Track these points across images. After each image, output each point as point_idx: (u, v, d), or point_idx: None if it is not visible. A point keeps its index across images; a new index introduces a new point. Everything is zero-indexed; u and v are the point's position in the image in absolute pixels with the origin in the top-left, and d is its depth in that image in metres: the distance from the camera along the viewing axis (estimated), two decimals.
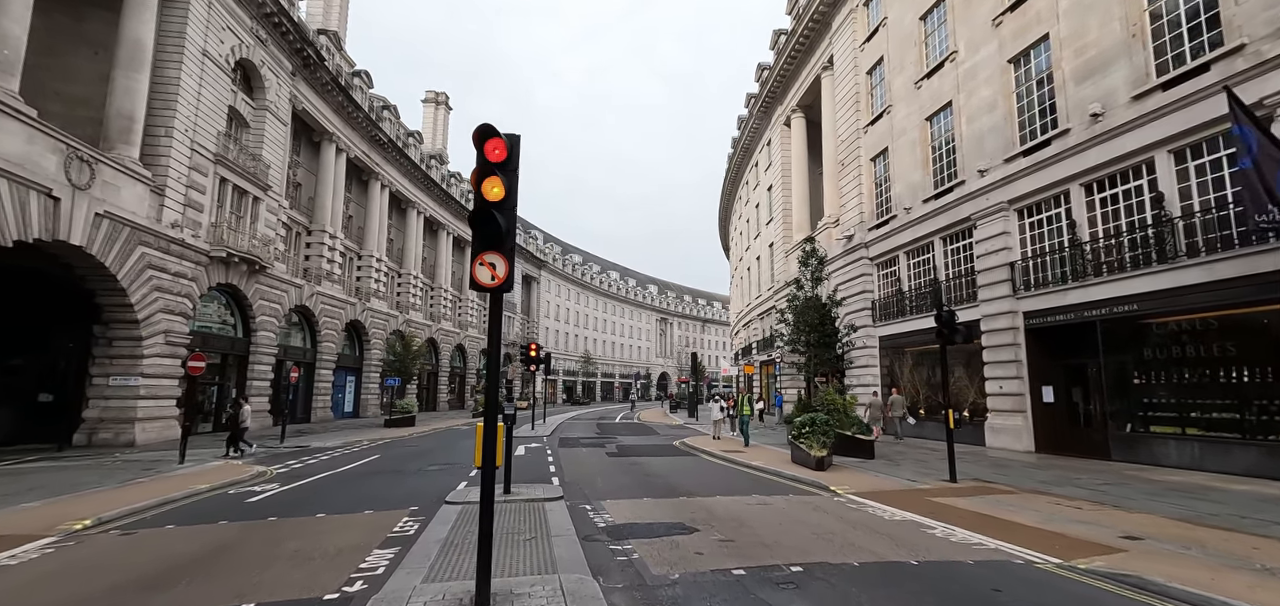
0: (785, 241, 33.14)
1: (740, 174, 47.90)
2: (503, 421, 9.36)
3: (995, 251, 16.57)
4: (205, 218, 23.03)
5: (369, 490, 10.68)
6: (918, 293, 20.49)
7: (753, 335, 42.23)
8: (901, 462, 13.65)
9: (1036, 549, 6.28)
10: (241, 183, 25.12)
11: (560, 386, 79.36)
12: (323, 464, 15.20)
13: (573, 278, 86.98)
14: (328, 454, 17.53)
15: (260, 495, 10.38)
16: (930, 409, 19.81)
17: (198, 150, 22.49)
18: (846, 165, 25.07)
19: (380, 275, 40.00)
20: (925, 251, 20.09)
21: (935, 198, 19.31)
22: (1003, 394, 16.21)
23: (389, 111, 41.51)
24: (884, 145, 22.40)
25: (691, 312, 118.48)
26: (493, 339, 4.74)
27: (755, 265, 41.83)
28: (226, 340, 25.53)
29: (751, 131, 40.63)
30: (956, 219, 18.21)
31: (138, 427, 19.72)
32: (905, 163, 20.98)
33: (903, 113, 21.18)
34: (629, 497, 9.57)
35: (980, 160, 17.19)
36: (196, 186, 22.44)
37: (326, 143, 33.95)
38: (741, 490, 10.17)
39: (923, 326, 19.77)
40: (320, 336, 32.65)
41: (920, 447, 17.40)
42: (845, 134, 25.22)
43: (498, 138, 4.46)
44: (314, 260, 32.83)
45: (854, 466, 12.72)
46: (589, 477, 11.84)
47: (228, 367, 25.86)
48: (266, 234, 26.90)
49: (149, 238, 20.12)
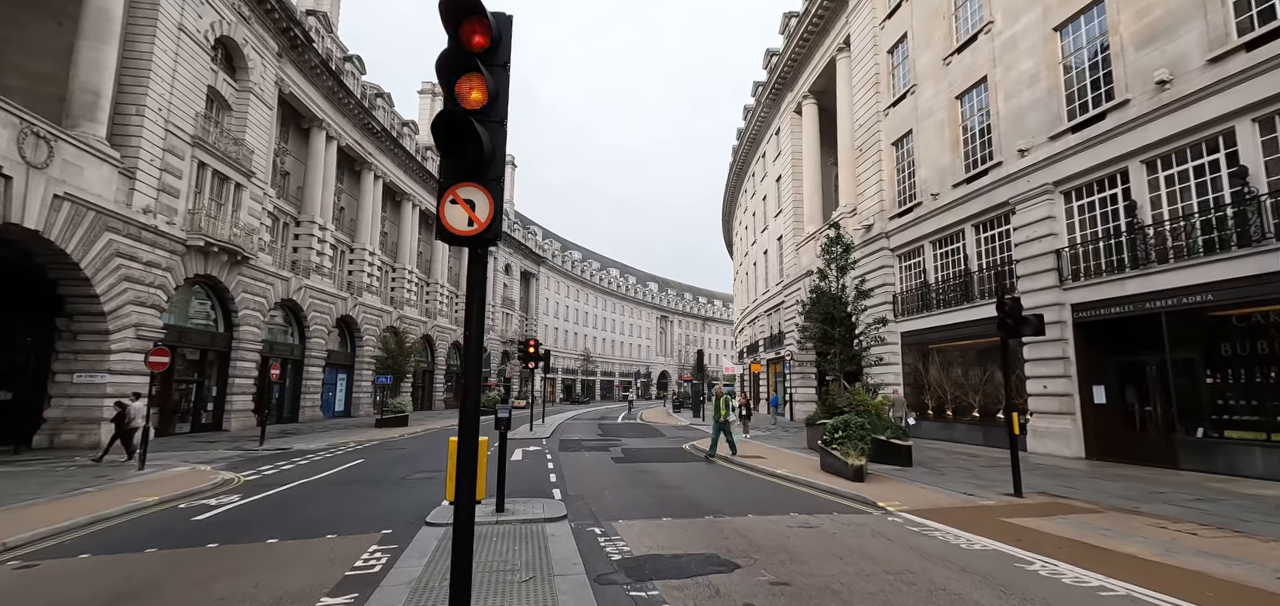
0: (796, 234, 31.67)
1: (746, 167, 46.43)
2: (495, 427, 7.97)
3: (1038, 238, 15.11)
4: (182, 204, 21.52)
5: (340, 505, 9.22)
6: (946, 285, 19.04)
7: (759, 332, 40.79)
8: (943, 470, 12.21)
9: (1185, 598, 4.83)
10: (222, 168, 23.61)
11: (559, 385, 77.87)
12: (299, 470, 13.73)
13: (572, 274, 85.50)
14: (308, 458, 16.06)
15: (213, 511, 8.91)
16: (960, 410, 18.37)
17: (173, 131, 20.97)
18: (865, 151, 23.61)
19: (373, 269, 38.49)
20: (954, 240, 18.64)
21: (967, 181, 17.86)
22: (1047, 394, 14.76)
23: (382, 100, 40.00)
24: (907, 128, 20.94)
25: (692, 310, 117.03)
26: (471, 318, 3.26)
27: (762, 260, 40.36)
28: (206, 335, 24.02)
29: (758, 121, 39.15)
30: (992, 204, 16.76)
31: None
32: (932, 145, 19.52)
33: (929, 92, 19.71)
34: (645, 517, 8.10)
35: (1020, 139, 15.73)
36: (171, 170, 20.93)
37: (316, 130, 32.43)
38: (775, 507, 8.70)
39: (953, 321, 18.36)
40: (309, 332, 31.15)
41: (938, 450, 15.98)
42: (863, 118, 23.75)
43: (479, 16, 2.99)
44: (302, 252, 31.32)
45: (894, 475, 11.27)
46: (595, 490, 10.37)
47: (207, 364, 24.35)
48: (250, 223, 25.39)
49: (117, 223, 18.62)
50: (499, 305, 62.27)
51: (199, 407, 23.83)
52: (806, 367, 30.95)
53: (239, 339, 25.13)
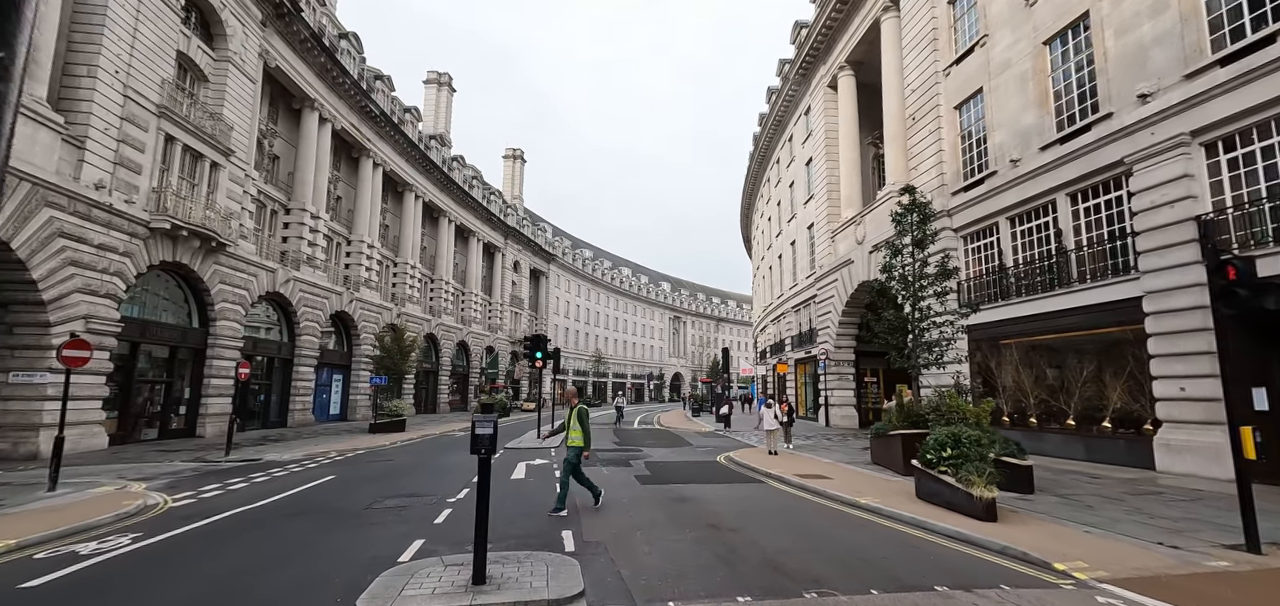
0: (831, 220, 28.67)
1: (768, 154, 43.43)
2: (484, 437, 5.15)
3: (1168, 203, 12.08)
4: (145, 181, 19.00)
5: (257, 557, 6.51)
6: (1028, 268, 16.02)
7: (785, 330, 37.77)
8: (1080, 499, 9.24)
9: None
10: (195, 144, 21.09)
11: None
12: (251, 490, 11.05)
13: (583, 273, 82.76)
14: (273, 472, 13.40)
15: (73, 567, 6.20)
16: (1049, 417, 15.34)
17: (134, 97, 18.45)
18: (919, 119, 20.62)
19: (372, 263, 35.96)
20: (1042, 214, 15.62)
21: (1060, 142, 14.85)
22: (1185, 398, 11.72)
23: (382, 82, 37.50)
24: (976, 86, 17.95)
25: (705, 311, 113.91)
26: None
27: (789, 251, 37.35)
28: (175, 330, 21.47)
29: (785, 102, 36.17)
30: (1096, 166, 13.74)
31: (44, 436, 15.66)
32: (1011, 104, 16.52)
33: (1006, 40, 16.72)
34: (709, 598, 5.20)
35: (1140, 81, 12.72)
36: (132, 142, 18.40)
37: (308, 111, 29.93)
38: (905, 572, 5.75)
39: (1039, 311, 15.36)
40: (299, 329, 28.61)
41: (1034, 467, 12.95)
42: (917, 82, 20.76)
43: None
44: (292, 243, 28.81)
45: (1023, 508, 8.32)
46: (622, 531, 7.52)
47: (179, 363, 21.80)
48: (229, 207, 22.86)
49: (61, 199, 16.10)
50: (507, 303, 59.66)
51: (168, 411, 21.27)
52: (844, 368, 27.97)
53: (216, 335, 22.57)
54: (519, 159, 73.18)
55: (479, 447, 5.00)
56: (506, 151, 73.52)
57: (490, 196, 57.00)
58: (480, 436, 4.99)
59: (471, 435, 5.02)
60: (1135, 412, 13.23)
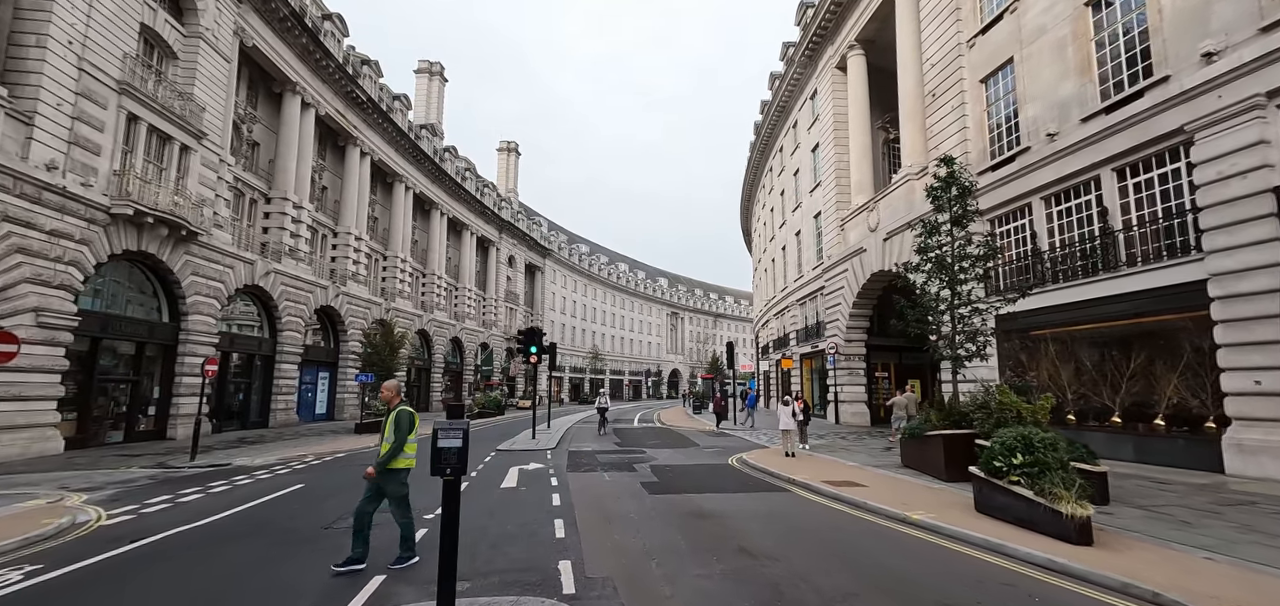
0: (840, 208, 27.34)
1: (771, 143, 42.05)
2: (433, 469, 3.56)
3: (1239, 174, 10.76)
4: (105, 163, 17.51)
5: (170, 601, 5.12)
6: (1066, 252, 14.70)
7: (790, 324, 36.45)
8: (1162, 510, 7.92)
9: None
10: (163, 125, 19.58)
11: (566, 384, 73.78)
12: (204, 503, 9.65)
13: (580, 268, 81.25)
14: (236, 481, 11.98)
15: None
16: (1090, 414, 14.05)
17: (91, 71, 16.96)
18: (940, 96, 19.28)
19: (360, 256, 34.47)
20: (1083, 192, 14.29)
21: (1105, 112, 13.51)
22: (1262, 393, 10.41)
23: (370, 68, 35.92)
24: (1006, 56, 16.60)
25: (704, 307, 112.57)
26: None
27: (793, 243, 36.01)
28: (142, 325, 19.98)
29: (790, 87, 34.77)
30: (1150, 136, 12.41)
31: None
32: (1046, 73, 15.18)
33: (1041, 5, 15.38)
34: None
35: (1204, 39, 11.40)
36: (89, 120, 16.92)
37: (290, 95, 28.40)
38: None
39: (1080, 298, 14.05)
40: (281, 324, 27.12)
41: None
42: (938, 56, 19.42)
43: None
44: (273, 233, 27.32)
45: (1111, 525, 6.97)
46: (634, 559, 6.13)
47: (146, 360, 20.31)
48: (201, 193, 21.37)
49: (5, 180, 14.64)
50: (502, 299, 58.17)
51: (135, 412, 19.79)
52: (855, 363, 26.65)
53: (187, 330, 21.08)
54: (514, 152, 71.66)
55: (443, 467, 3.62)
56: (501, 144, 72.01)
57: (484, 189, 55.48)
58: (444, 451, 3.60)
59: (433, 449, 3.64)
60: (1193, 409, 11.94)
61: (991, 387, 10.63)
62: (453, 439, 3.63)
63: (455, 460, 3.63)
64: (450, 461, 3.62)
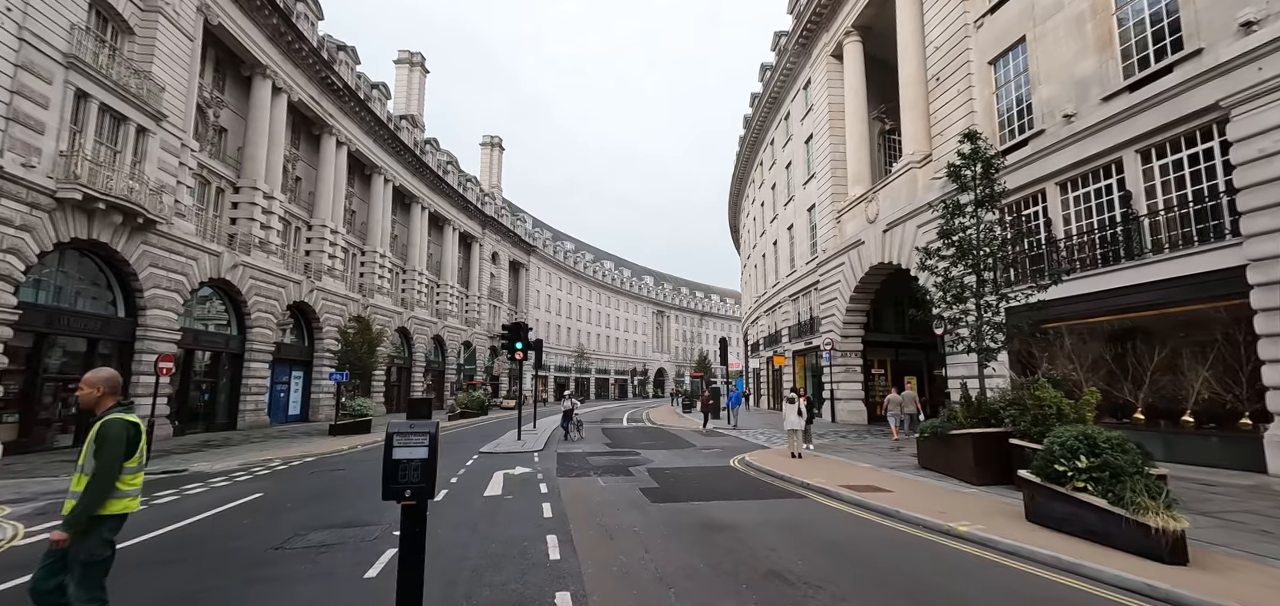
0: (837, 199, 26.53)
1: (761, 136, 41.22)
2: (409, 467, 2.53)
3: None
4: (50, 143, 16.06)
5: None
6: (1083, 240, 13.93)
7: (782, 320, 35.65)
8: (1232, 516, 7.08)
9: None
10: (117, 104, 18.12)
11: (551, 383, 72.42)
12: (142, 517, 8.41)
13: (565, 266, 79.91)
14: (186, 490, 10.76)
15: None
16: (1105, 410, 13.24)
17: (33, 43, 15.51)
18: (944, 80, 18.49)
19: (336, 251, 32.99)
20: (1103, 175, 13.53)
21: (1129, 90, 12.75)
22: None
23: (346, 54, 34.41)
24: (1017, 35, 15.83)
25: (689, 305, 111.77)
26: None
27: (784, 238, 35.19)
28: (94, 320, 18.50)
29: (782, 77, 33.92)
30: (1180, 114, 11.66)
31: None
32: (1062, 51, 14.41)
33: None
34: None
35: (1242, 7, 10.65)
36: (31, 95, 15.46)
37: (260, 79, 26.91)
38: None
39: (1100, 288, 13.28)
40: (251, 320, 25.63)
41: None
42: (942, 38, 18.63)
43: None
44: (242, 224, 25.81)
45: (1200, 541, 6.07)
46: (648, 594, 4.88)
47: (99, 358, 18.79)
48: (161, 179, 19.91)
49: None
50: (485, 296, 56.74)
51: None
52: (851, 359, 25.86)
53: (146, 326, 19.61)
54: (497, 146, 70.16)
55: (400, 488, 2.53)
56: (484, 139, 70.43)
57: (467, 184, 54.02)
58: (402, 466, 2.51)
59: (386, 462, 2.55)
60: (1226, 404, 11.20)
61: (1031, 381, 9.75)
62: (415, 447, 2.53)
63: (418, 477, 2.54)
64: (411, 479, 2.52)
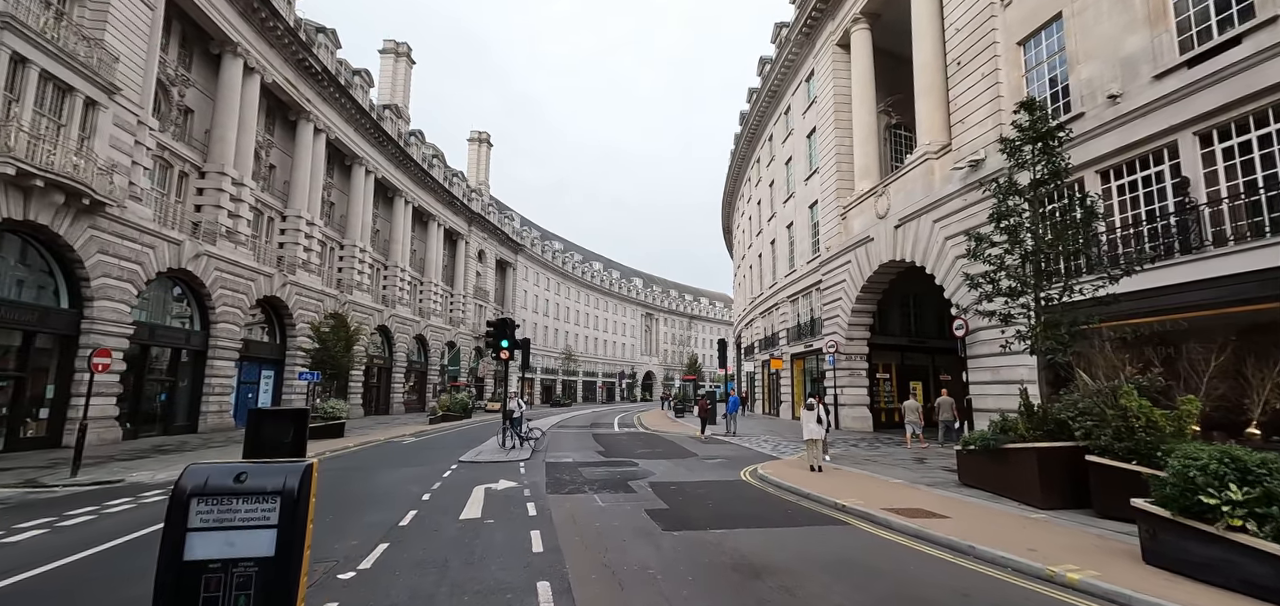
0: (842, 194, 25.28)
1: (759, 132, 39.98)
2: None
3: None
4: None
5: None
6: (1131, 233, 12.69)
7: (780, 322, 34.35)
8: None
9: None
10: (61, 72, 16.34)
11: (538, 386, 70.66)
12: (38, 543, 6.86)
13: (553, 266, 78.18)
14: (109, 508, 9.11)
15: None
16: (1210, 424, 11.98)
17: None
18: (966, 64, 17.27)
19: (313, 244, 31.14)
20: (1153, 162, 12.31)
21: (1187, 65, 11.53)
22: None
23: (326, 36, 32.63)
24: (1052, 12, 14.61)
25: (679, 308, 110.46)
26: None
27: (783, 235, 33.92)
28: (31, 310, 16.65)
29: (782, 70, 32.69)
30: (1248, 91, 10.46)
31: None
32: (1106, 26, 13.20)
33: None
34: None
35: None
36: None
37: (230, 57, 25.09)
38: None
39: (1146, 286, 12.02)
40: (215, 315, 23.76)
41: None
42: (964, 19, 17.42)
43: None
44: (208, 211, 23.96)
45: None
46: None
47: (37, 353, 16.97)
48: (113, 158, 18.11)
49: None
50: (471, 295, 54.92)
51: (21, 414, 16.45)
52: (857, 363, 24.59)
53: (92, 318, 17.79)
54: (485, 143, 68.38)
55: None
56: (472, 134, 68.65)
57: (453, 179, 52.21)
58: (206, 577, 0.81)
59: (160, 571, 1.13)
60: None
61: (1114, 388, 8.40)
62: (242, 524, 0.83)
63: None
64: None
